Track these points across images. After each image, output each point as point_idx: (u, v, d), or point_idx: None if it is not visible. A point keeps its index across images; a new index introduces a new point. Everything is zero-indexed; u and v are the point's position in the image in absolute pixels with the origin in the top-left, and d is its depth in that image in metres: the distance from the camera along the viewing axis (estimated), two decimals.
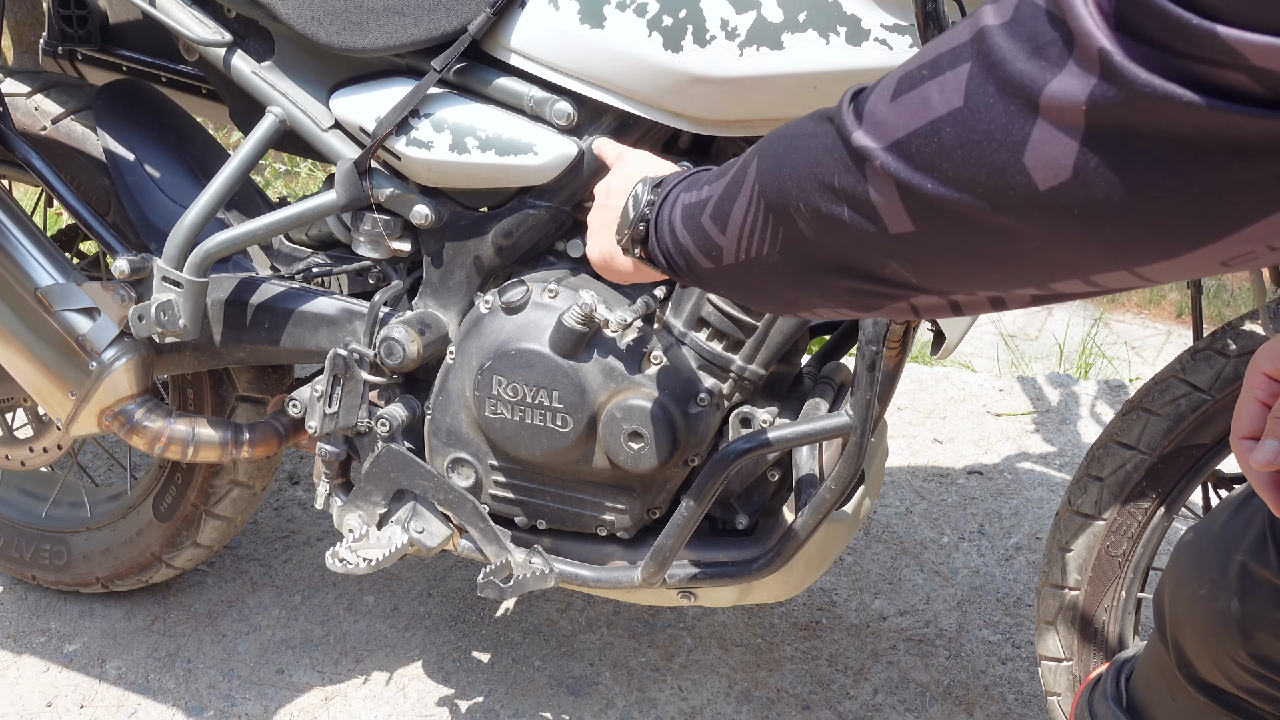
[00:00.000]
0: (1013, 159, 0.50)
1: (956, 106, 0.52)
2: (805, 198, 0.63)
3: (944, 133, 0.53)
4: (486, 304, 1.28)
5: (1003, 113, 0.50)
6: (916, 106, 0.55)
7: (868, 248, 0.61)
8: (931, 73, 0.55)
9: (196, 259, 1.32)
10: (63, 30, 1.67)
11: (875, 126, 0.58)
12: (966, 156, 0.52)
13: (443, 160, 1.25)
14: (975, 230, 0.54)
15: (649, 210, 0.87)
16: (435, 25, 1.22)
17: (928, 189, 0.55)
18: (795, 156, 0.65)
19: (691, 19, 1.09)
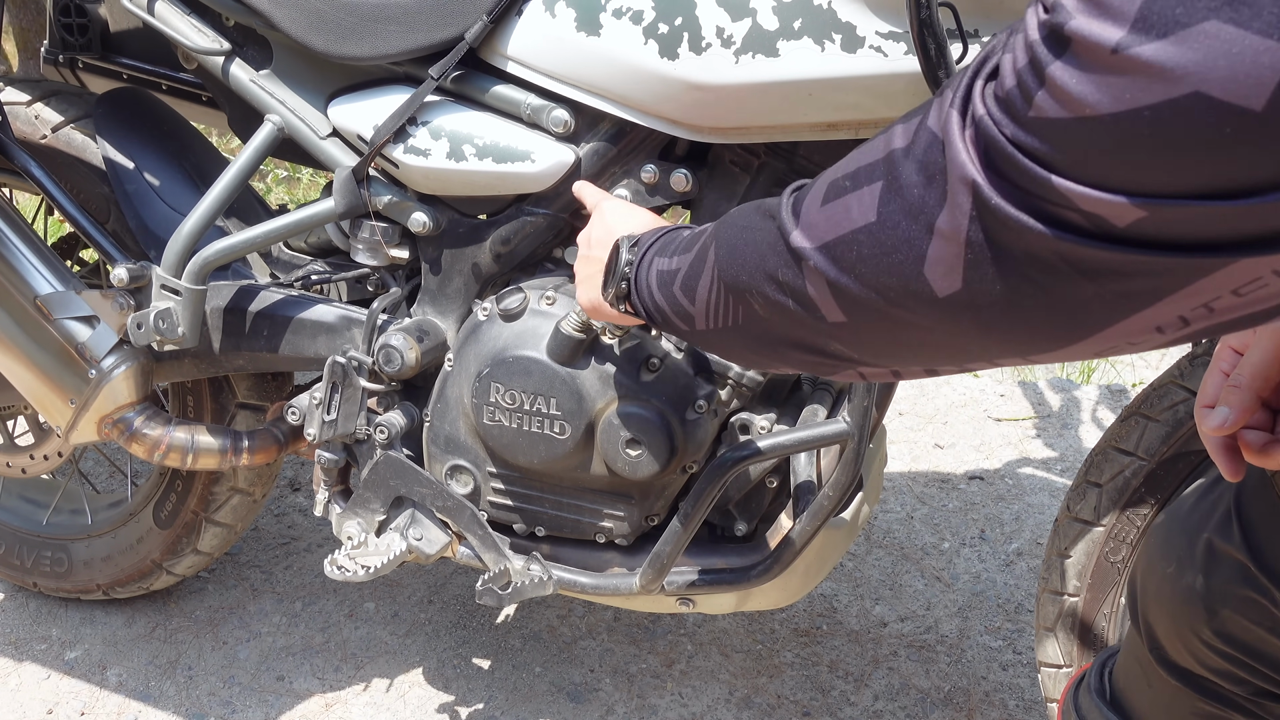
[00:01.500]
0: (915, 270, 0.57)
1: (870, 221, 0.60)
2: (756, 286, 0.71)
3: (860, 242, 0.61)
4: (484, 311, 1.28)
5: (905, 231, 0.57)
6: (839, 215, 0.63)
7: (812, 331, 0.68)
8: (852, 184, 0.62)
9: (195, 267, 1.32)
10: (64, 39, 1.68)
11: (808, 228, 0.65)
12: (879, 264, 0.59)
13: (440, 168, 1.25)
14: (894, 324, 0.61)
15: (629, 270, 0.93)
16: (432, 33, 1.22)
17: (852, 289, 0.62)
18: (746, 249, 0.73)
19: (687, 26, 1.09)
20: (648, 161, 1.22)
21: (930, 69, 0.94)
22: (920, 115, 0.60)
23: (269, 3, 1.26)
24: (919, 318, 0.60)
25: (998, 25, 1.00)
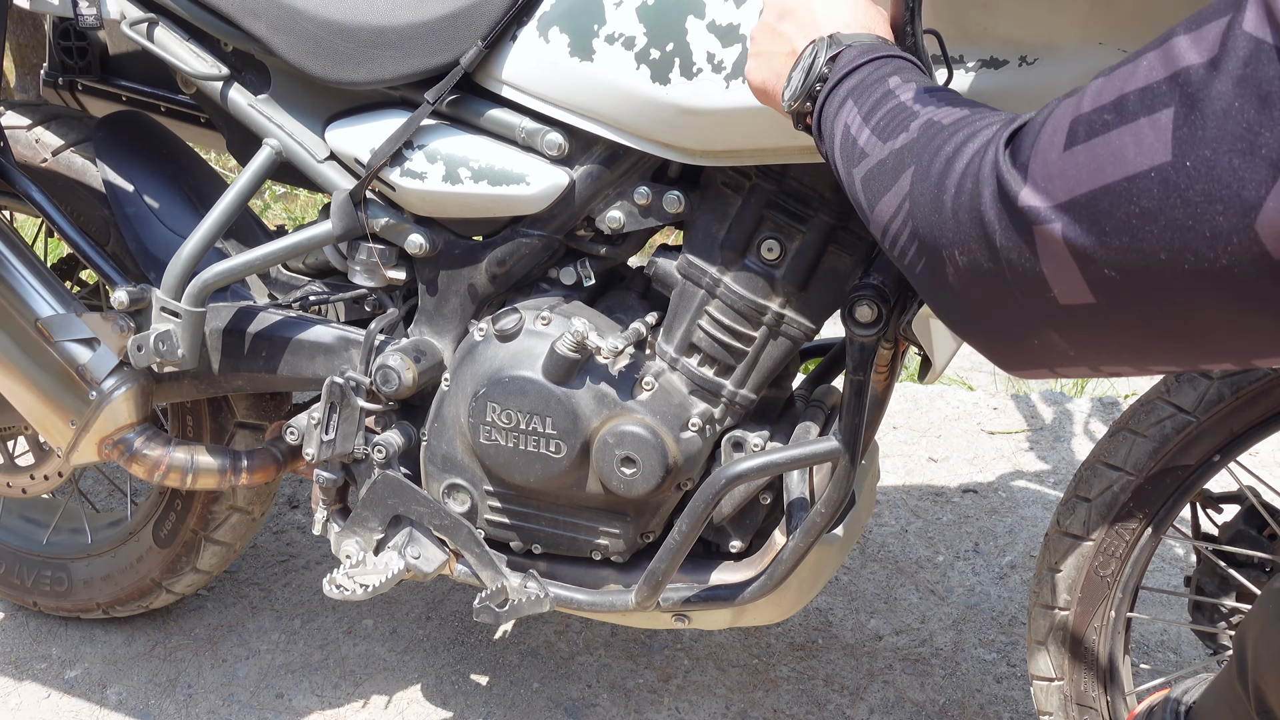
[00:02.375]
0: (1242, 224, 0.44)
1: (1164, 161, 0.46)
2: (961, 247, 0.57)
3: (1144, 192, 0.47)
4: (480, 331, 1.29)
5: (1229, 170, 0.44)
6: (1102, 158, 0.49)
7: (1026, 315, 0.55)
8: (1117, 117, 0.49)
9: (195, 289, 1.34)
10: (63, 61, 1.70)
11: (1046, 181, 0.51)
12: (1175, 219, 0.46)
13: (436, 190, 1.27)
14: (1174, 307, 0.48)
15: (819, 87, 0.82)
16: (428, 59, 1.24)
17: (1118, 258, 0.48)
18: (951, 195, 0.58)
19: (679, 52, 1.11)
20: (641, 183, 1.24)
21: None
22: (1219, 15, 0.47)
23: (267, 29, 1.28)
24: (1227, 292, 0.46)
25: (982, 51, 1.02)
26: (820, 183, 1.19)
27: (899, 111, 0.70)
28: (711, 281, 1.23)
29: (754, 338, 1.24)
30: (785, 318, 1.23)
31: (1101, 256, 0.49)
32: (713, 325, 1.24)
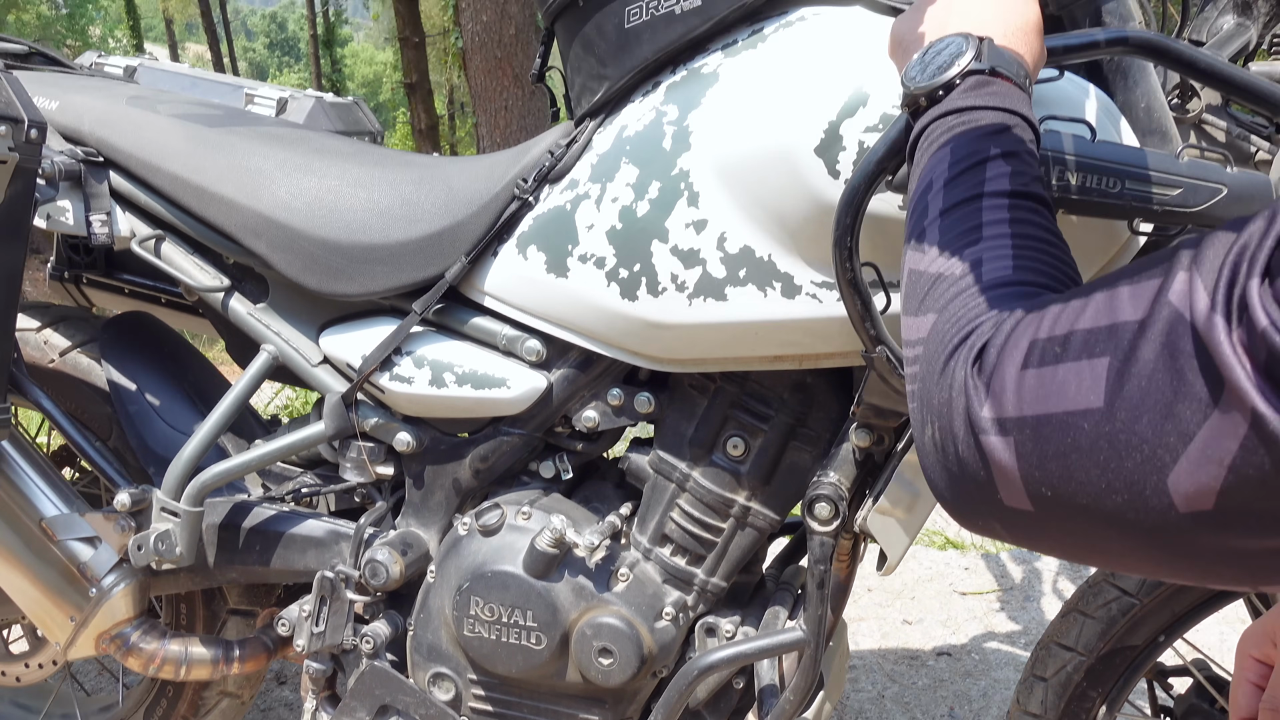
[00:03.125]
0: (1155, 480, 0.48)
1: (1096, 407, 0.50)
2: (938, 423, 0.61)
3: (1080, 430, 0.51)
4: (464, 526, 1.37)
5: (1149, 431, 0.48)
6: (1050, 388, 0.53)
7: (977, 502, 0.59)
8: (1064, 352, 0.53)
9: (194, 490, 1.41)
10: (70, 257, 1.80)
11: (1001, 396, 0.56)
12: (1103, 462, 0.50)
13: (423, 394, 1.36)
14: (1099, 529, 0.52)
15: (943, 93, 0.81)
16: (416, 272, 1.35)
17: (1053, 481, 0.53)
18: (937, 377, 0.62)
19: (645, 272, 1.21)
20: (614, 386, 1.33)
21: (859, 320, 1.06)
22: (1154, 277, 0.51)
23: (267, 247, 1.39)
24: (1140, 530, 0.50)
25: None
26: (780, 385, 1.28)
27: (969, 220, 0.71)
28: (681, 476, 1.31)
29: (723, 529, 1.32)
30: (752, 510, 1.31)
31: (1039, 476, 0.53)
32: (684, 517, 1.32)
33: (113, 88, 1.57)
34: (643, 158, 1.20)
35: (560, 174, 1.28)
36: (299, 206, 1.38)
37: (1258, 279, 0.46)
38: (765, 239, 1.15)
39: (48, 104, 1.49)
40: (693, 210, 1.17)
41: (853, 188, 1.01)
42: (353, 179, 1.39)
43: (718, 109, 1.16)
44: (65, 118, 1.48)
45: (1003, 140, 0.75)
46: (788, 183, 1.11)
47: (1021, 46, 0.85)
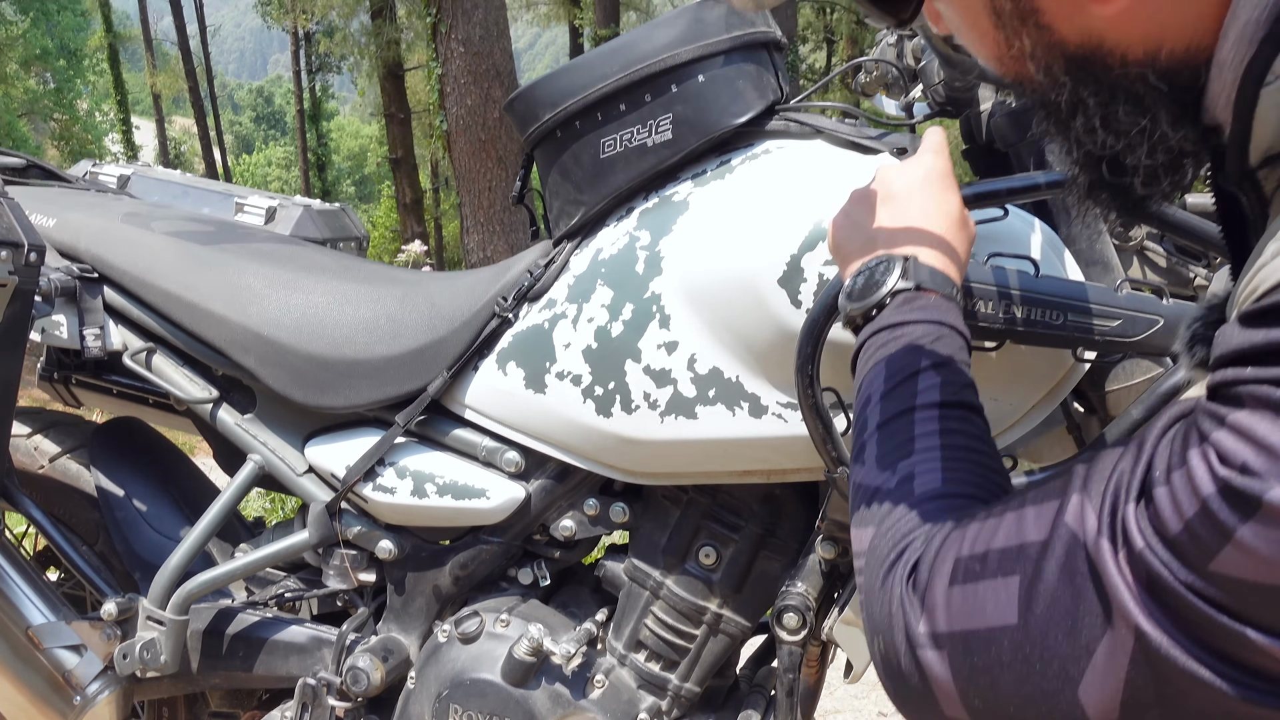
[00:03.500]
0: (1068, 692, 0.52)
1: (1012, 624, 0.54)
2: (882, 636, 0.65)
3: (1001, 645, 0.55)
4: (444, 633, 1.40)
5: (1057, 647, 0.52)
6: (973, 604, 0.57)
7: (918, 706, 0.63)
8: (984, 570, 0.57)
9: (179, 599, 1.44)
10: (59, 359, 1.84)
11: (932, 612, 0.59)
12: (1021, 674, 0.54)
13: (405, 504, 1.40)
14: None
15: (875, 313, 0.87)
16: (400, 386, 1.40)
17: (982, 693, 0.56)
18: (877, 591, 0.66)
19: (619, 390, 1.27)
20: (589, 496, 1.38)
21: (820, 443, 1.11)
22: (1054, 498, 0.56)
23: (255, 361, 1.44)
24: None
25: None
26: (749, 497, 1.33)
27: (902, 435, 0.76)
28: (655, 584, 1.36)
29: (696, 635, 1.35)
30: (724, 617, 1.35)
31: (971, 689, 0.57)
32: (658, 624, 1.36)
33: (108, 204, 1.63)
34: (617, 280, 1.27)
35: (539, 293, 1.34)
36: (287, 322, 1.43)
37: (1134, 504, 0.50)
38: (733, 361, 1.21)
39: (45, 221, 1.54)
40: (664, 332, 1.23)
41: (813, 319, 1.08)
42: (339, 295, 1.44)
43: (688, 236, 1.23)
44: (62, 235, 1.53)
45: (932, 353, 0.81)
46: (753, 310, 1.17)
47: (946, 253, 0.91)
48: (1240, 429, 0.47)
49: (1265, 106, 0.54)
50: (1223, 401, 0.49)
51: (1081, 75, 0.61)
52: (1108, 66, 0.60)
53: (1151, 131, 0.60)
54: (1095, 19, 0.58)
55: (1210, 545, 0.46)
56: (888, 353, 0.83)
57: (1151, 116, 0.60)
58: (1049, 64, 0.62)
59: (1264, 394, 0.46)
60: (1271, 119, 0.55)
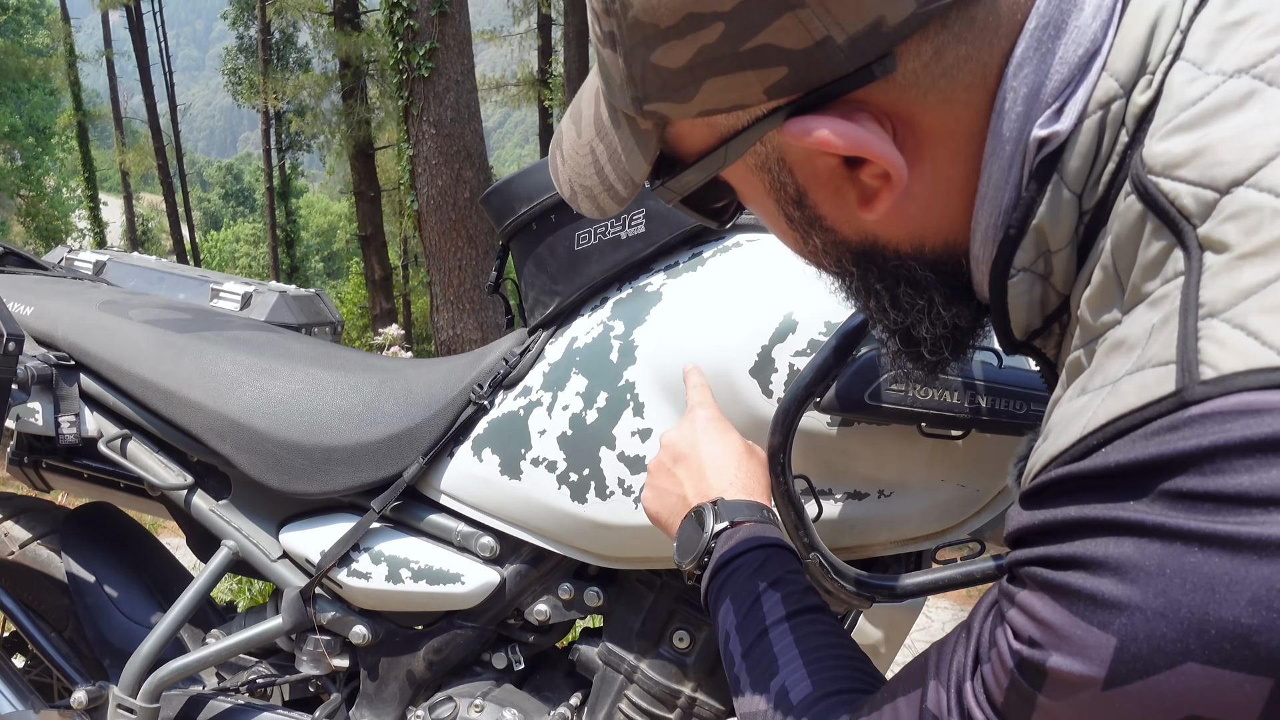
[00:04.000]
0: None
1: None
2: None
3: None
4: (418, 719, 1.40)
5: None
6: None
7: None
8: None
9: (150, 687, 1.44)
10: (30, 443, 1.84)
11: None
12: None
13: (380, 589, 1.41)
14: None
15: (707, 560, 0.95)
16: (375, 472, 1.41)
17: None
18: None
19: (594, 476, 1.29)
20: (564, 580, 1.39)
21: (792, 528, 1.14)
22: (918, 686, 0.63)
23: (231, 448, 1.45)
24: None
25: (847, 486, 1.21)
26: None
27: (765, 656, 0.84)
28: (629, 668, 1.36)
29: (671, 719, 1.36)
30: (698, 701, 1.35)
31: None
32: (632, 709, 1.36)
33: (85, 291, 1.65)
34: (591, 369, 1.29)
35: (514, 380, 1.36)
36: (263, 409, 1.44)
37: (970, 681, 0.57)
38: None
39: (22, 309, 1.56)
40: (638, 419, 1.26)
41: (784, 408, 1.10)
42: (315, 383, 1.46)
43: (661, 326, 1.26)
44: (40, 323, 1.55)
45: (765, 573, 0.90)
46: (725, 398, 1.20)
47: (745, 484, 1.02)
48: (1024, 607, 0.52)
49: (1013, 295, 0.65)
50: (1013, 581, 0.54)
51: (866, 265, 0.70)
52: (885, 258, 0.69)
53: (929, 310, 0.70)
54: (866, 222, 0.67)
55: (1023, 712, 0.52)
56: (730, 589, 0.91)
57: (928, 298, 0.69)
58: (838, 258, 0.71)
59: (1036, 575, 0.51)
60: (1021, 304, 0.65)
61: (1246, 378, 0.45)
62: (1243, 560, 0.44)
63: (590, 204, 0.79)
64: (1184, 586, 0.45)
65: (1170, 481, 0.46)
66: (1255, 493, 0.44)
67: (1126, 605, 0.46)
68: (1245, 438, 0.44)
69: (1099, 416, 0.51)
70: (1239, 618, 0.44)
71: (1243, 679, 0.44)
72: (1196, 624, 0.45)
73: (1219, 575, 0.44)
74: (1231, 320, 0.47)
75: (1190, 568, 0.45)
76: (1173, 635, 0.45)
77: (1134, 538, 0.47)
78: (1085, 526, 0.49)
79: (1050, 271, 0.63)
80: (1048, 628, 0.50)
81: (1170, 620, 0.45)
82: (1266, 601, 0.43)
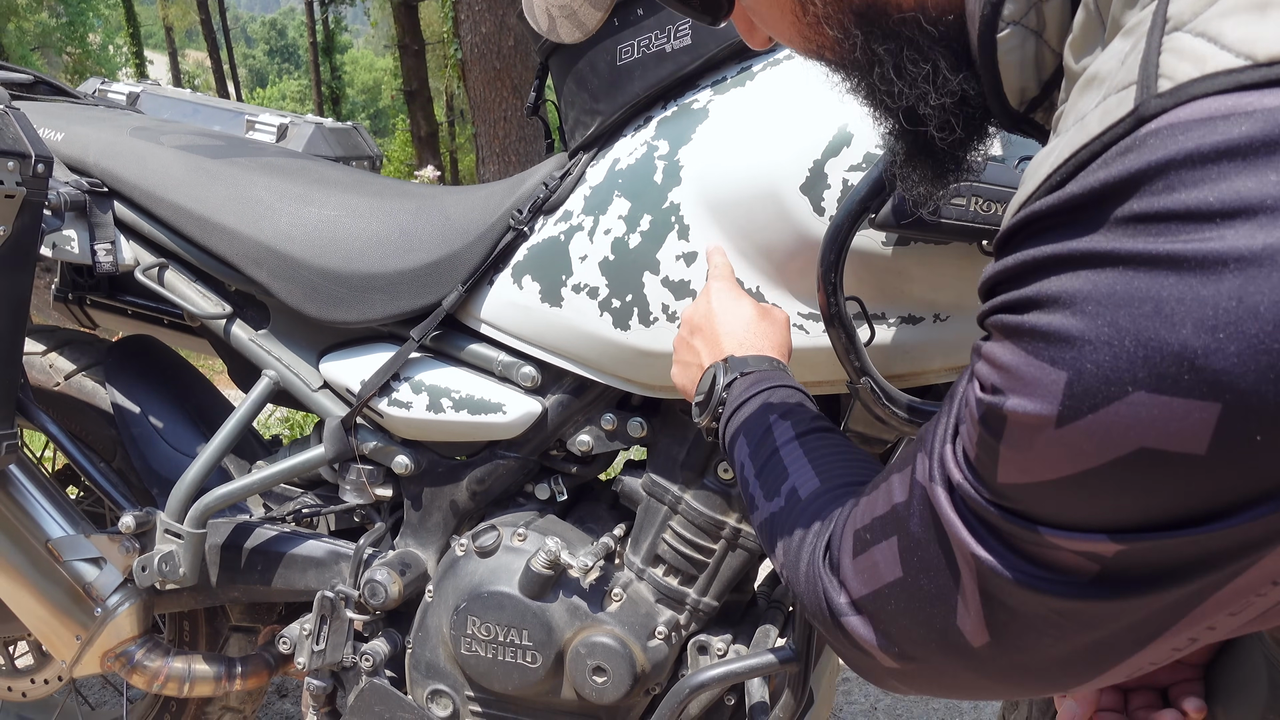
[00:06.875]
0: (949, 622, 0.58)
1: (899, 576, 0.61)
2: (816, 618, 0.72)
3: (895, 596, 0.62)
4: (461, 547, 1.40)
5: (931, 586, 0.59)
6: (869, 569, 0.64)
7: (866, 669, 0.70)
8: (872, 537, 0.64)
9: (197, 512, 1.44)
10: (73, 279, 1.84)
11: (845, 583, 0.67)
12: (916, 617, 0.61)
13: (421, 419, 1.39)
14: (944, 672, 0.62)
15: (721, 409, 0.99)
16: (414, 300, 1.38)
17: (898, 641, 0.63)
18: (803, 582, 0.73)
19: (637, 302, 1.25)
20: (607, 411, 1.37)
21: (843, 351, 1.09)
22: (909, 463, 0.62)
23: (268, 275, 1.42)
24: (963, 666, 0.60)
25: (901, 310, 1.16)
26: None
27: (776, 469, 0.86)
28: (673, 499, 1.35)
29: (714, 550, 1.35)
30: (742, 532, 1.34)
31: (889, 641, 0.64)
32: (676, 539, 1.35)
33: (117, 118, 1.61)
34: (634, 191, 1.24)
35: (554, 205, 1.31)
36: (299, 236, 1.41)
37: (950, 445, 0.56)
38: (753, 271, 1.18)
39: (53, 135, 1.52)
40: (683, 243, 1.21)
41: (837, 225, 1.05)
42: (352, 209, 1.42)
43: (707, 144, 1.20)
44: (71, 149, 1.51)
45: (773, 407, 0.93)
46: (774, 218, 1.14)
47: (756, 342, 1.04)
48: (988, 356, 0.51)
49: (1004, 51, 0.60)
50: (982, 333, 0.54)
51: (868, 27, 0.66)
52: (888, 14, 0.65)
53: (934, 76, 0.65)
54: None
55: (990, 461, 0.51)
56: (742, 428, 0.93)
57: (933, 63, 0.64)
58: (841, 21, 0.67)
59: (998, 322, 0.50)
60: (1013, 62, 0.61)
61: (1201, 84, 0.42)
62: (1189, 280, 0.42)
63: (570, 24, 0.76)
64: (1131, 313, 0.43)
65: (1123, 206, 0.44)
66: (1203, 207, 0.41)
67: (1077, 338, 0.45)
68: (1197, 148, 0.42)
69: (1063, 151, 0.48)
70: (1185, 341, 0.42)
71: (1191, 405, 0.42)
72: (1143, 350, 0.43)
73: (1165, 298, 0.42)
74: (1194, 29, 0.43)
75: (1137, 292, 0.43)
76: (1120, 364, 0.44)
77: (1087, 269, 0.45)
78: (1043, 265, 0.47)
79: (1043, 25, 0.59)
80: (1006, 371, 0.49)
81: (1117, 349, 0.44)
82: (1213, 321, 0.41)
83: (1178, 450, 0.43)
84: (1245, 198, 0.40)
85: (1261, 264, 0.40)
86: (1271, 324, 0.40)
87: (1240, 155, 0.41)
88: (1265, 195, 0.40)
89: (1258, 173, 0.40)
